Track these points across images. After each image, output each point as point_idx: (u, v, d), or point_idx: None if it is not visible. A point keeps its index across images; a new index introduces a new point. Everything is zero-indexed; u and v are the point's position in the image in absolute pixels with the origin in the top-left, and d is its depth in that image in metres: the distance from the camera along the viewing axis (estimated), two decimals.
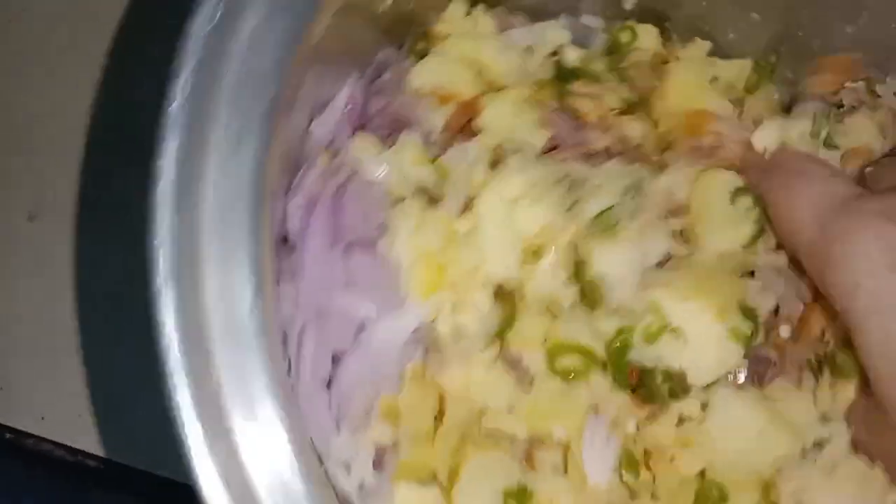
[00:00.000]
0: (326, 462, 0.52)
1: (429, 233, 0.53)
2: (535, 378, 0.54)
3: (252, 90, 0.43)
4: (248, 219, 0.42)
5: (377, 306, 0.52)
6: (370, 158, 0.56)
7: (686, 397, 0.54)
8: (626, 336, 0.52)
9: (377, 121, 0.60)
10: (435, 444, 0.54)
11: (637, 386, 0.55)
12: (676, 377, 0.53)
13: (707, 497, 0.54)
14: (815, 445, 0.54)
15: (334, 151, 0.57)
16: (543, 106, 0.59)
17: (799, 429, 0.54)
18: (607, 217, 0.53)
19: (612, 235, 0.52)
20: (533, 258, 0.54)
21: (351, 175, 0.55)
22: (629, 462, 0.54)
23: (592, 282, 0.53)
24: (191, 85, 0.42)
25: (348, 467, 0.52)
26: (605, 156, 0.58)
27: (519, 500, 0.53)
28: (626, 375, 0.53)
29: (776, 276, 0.54)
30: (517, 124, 0.58)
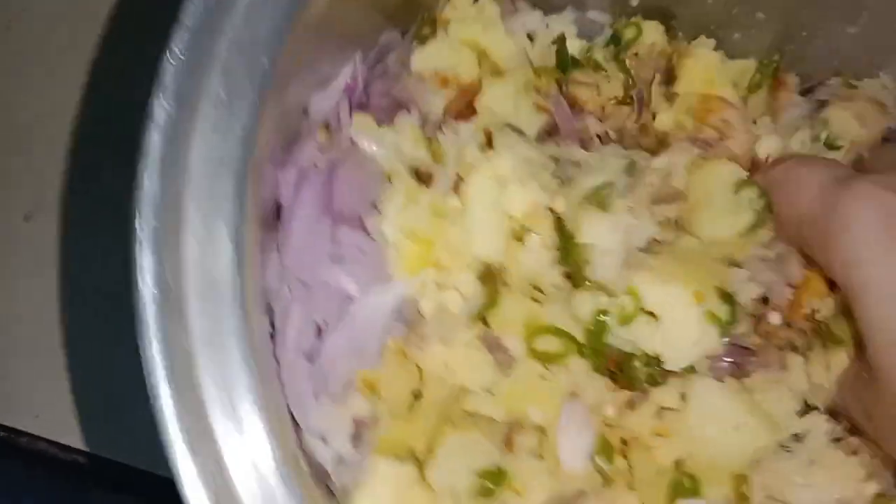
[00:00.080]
0: (304, 434, 0.52)
1: (417, 210, 0.54)
2: (515, 361, 0.54)
3: (245, 59, 0.44)
4: (233, 185, 0.43)
5: (362, 281, 0.53)
6: (367, 136, 0.57)
7: (665, 383, 0.54)
8: (602, 318, 0.52)
9: (377, 102, 0.60)
10: (413, 422, 0.54)
11: (616, 372, 0.55)
12: (654, 362, 0.53)
13: (680, 488, 0.54)
14: (794, 438, 0.55)
15: (333, 129, 0.58)
16: (542, 92, 0.60)
17: (777, 421, 0.54)
18: (600, 193, 0.53)
19: (604, 208, 0.53)
20: (519, 239, 0.54)
21: (346, 151, 0.56)
22: (604, 449, 0.54)
23: (578, 252, 0.53)
24: (184, 50, 0.43)
25: (326, 440, 0.53)
26: (601, 142, 0.58)
27: (494, 482, 0.54)
28: (604, 359, 0.54)
29: (763, 267, 0.54)
30: (515, 108, 0.59)
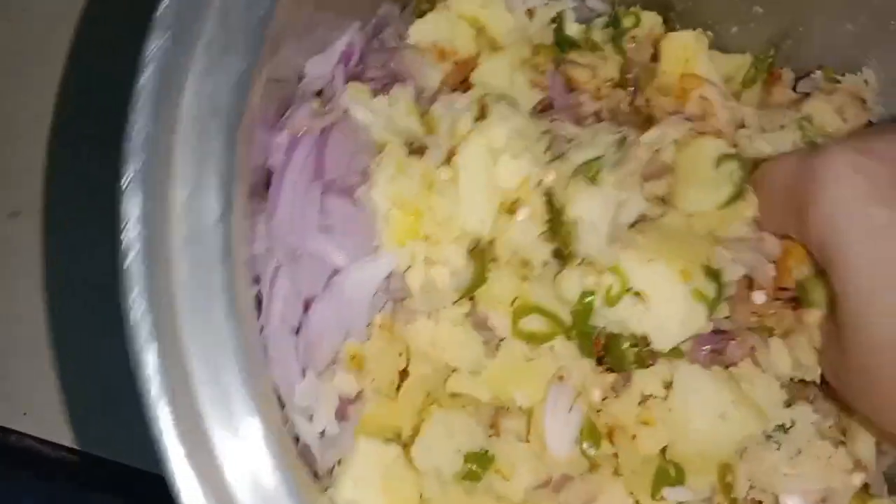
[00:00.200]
0: (289, 409, 0.51)
1: (408, 180, 0.53)
2: (501, 341, 0.53)
3: (242, 6, 0.42)
4: (225, 135, 0.41)
5: (350, 252, 0.52)
6: (361, 105, 0.56)
7: (652, 365, 0.53)
8: (589, 300, 0.51)
9: (373, 73, 0.59)
10: (399, 400, 0.53)
11: (603, 354, 0.54)
12: (642, 342, 0.52)
13: (665, 476, 0.53)
14: (780, 428, 0.54)
15: (327, 97, 0.57)
16: (539, 69, 0.59)
17: (763, 411, 0.53)
18: (590, 167, 0.53)
19: (593, 182, 0.52)
20: (509, 213, 0.53)
21: (340, 119, 0.55)
22: (591, 433, 0.53)
23: (567, 227, 0.52)
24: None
25: (310, 415, 0.51)
26: (595, 119, 0.58)
27: (480, 464, 0.53)
28: (591, 342, 0.53)
29: (745, 247, 0.54)
30: (510, 83, 0.58)
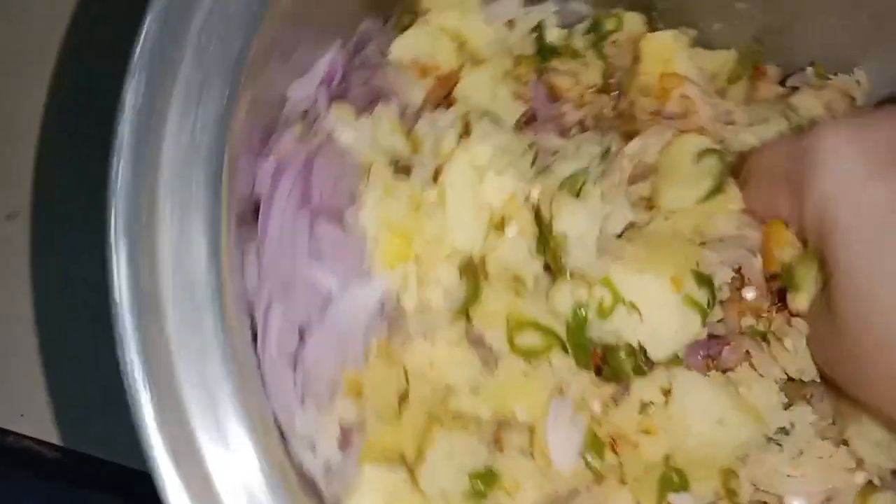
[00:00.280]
0: (291, 442, 0.50)
1: (396, 202, 0.52)
2: (499, 358, 0.53)
3: (218, 41, 0.42)
4: (207, 174, 0.41)
5: (342, 278, 0.51)
6: (345, 127, 0.55)
7: (651, 373, 0.53)
8: (582, 312, 0.51)
9: (356, 92, 0.59)
10: (401, 425, 0.53)
11: (601, 365, 0.54)
12: (639, 351, 0.52)
13: (669, 482, 0.53)
14: (781, 431, 0.54)
15: (311, 120, 0.56)
16: (521, 80, 0.59)
17: (762, 415, 0.53)
18: (574, 180, 0.53)
19: (578, 195, 0.52)
20: (498, 230, 0.53)
21: (325, 142, 0.54)
22: (594, 445, 0.53)
23: (555, 242, 0.52)
24: (155, 32, 0.41)
25: (313, 447, 0.51)
26: (579, 129, 0.57)
27: (485, 482, 0.52)
28: (587, 354, 0.52)
29: (730, 244, 0.54)
30: (493, 97, 0.58)
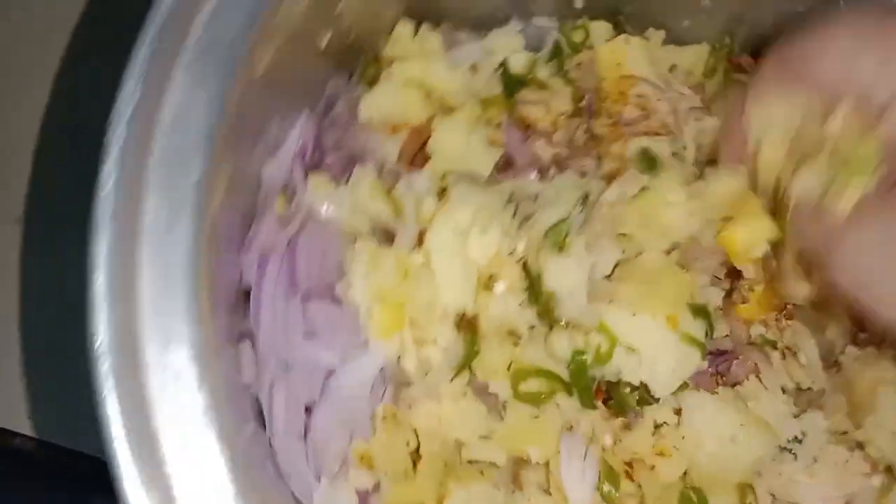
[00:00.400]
0: None
1: (383, 272, 0.53)
2: (506, 405, 0.54)
3: (178, 168, 0.43)
4: (186, 302, 0.42)
5: (340, 352, 0.53)
6: (325, 199, 0.56)
7: (657, 403, 0.54)
8: (581, 358, 0.52)
9: (332, 157, 0.59)
10: (417, 483, 0.54)
11: (607, 399, 0.55)
12: (642, 387, 0.53)
13: (688, 501, 0.54)
14: (793, 440, 0.54)
15: (290, 194, 0.57)
16: (493, 123, 0.59)
17: (774, 427, 0.54)
18: (557, 232, 0.53)
19: (562, 250, 0.52)
20: (487, 287, 0.53)
21: (306, 219, 0.55)
22: (609, 476, 0.54)
23: (546, 294, 0.53)
24: (117, 170, 0.42)
25: None
26: (556, 167, 0.57)
27: None
28: (591, 394, 0.53)
29: (704, 255, 0.55)
30: (467, 147, 0.58)
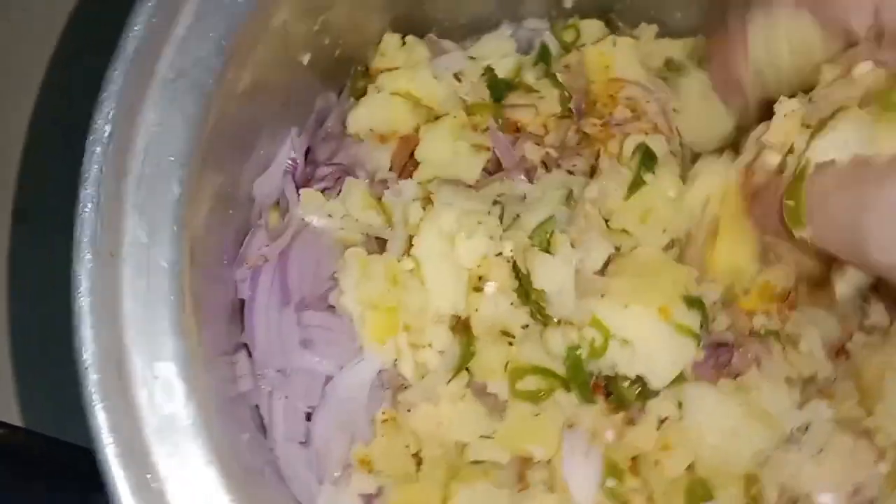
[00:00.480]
0: None
1: (374, 279, 0.53)
2: (505, 404, 0.54)
3: (155, 188, 0.44)
4: (170, 317, 0.43)
5: (336, 358, 0.53)
6: (317, 212, 0.57)
7: (657, 397, 0.53)
8: (576, 353, 0.52)
9: (324, 169, 0.60)
10: (420, 484, 0.54)
11: (607, 394, 0.54)
12: (640, 380, 0.53)
13: (694, 493, 0.53)
14: (798, 430, 0.54)
15: (283, 208, 0.58)
16: (479, 129, 0.59)
17: (777, 418, 0.53)
18: (543, 231, 0.53)
19: (548, 248, 0.52)
20: (477, 289, 0.53)
21: (299, 230, 0.56)
22: (613, 471, 0.54)
23: (536, 296, 0.52)
24: (95, 193, 0.43)
25: None
26: (544, 168, 0.57)
27: None
28: (589, 389, 0.53)
29: None
30: (453, 153, 0.58)
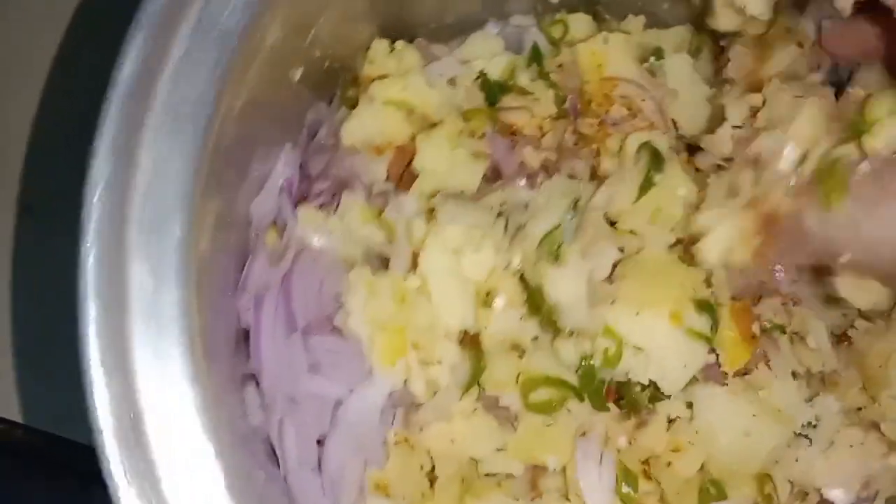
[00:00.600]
0: None
1: (381, 299, 0.53)
2: (517, 416, 0.54)
3: (158, 231, 0.43)
4: (182, 360, 0.42)
5: (346, 383, 0.53)
6: (316, 230, 0.56)
7: (668, 398, 0.54)
8: (589, 363, 0.52)
9: (320, 185, 0.59)
10: (436, 500, 0.55)
11: (619, 399, 0.55)
12: (652, 385, 0.53)
13: (707, 494, 0.54)
14: (807, 425, 0.54)
15: (281, 228, 0.57)
16: (476, 135, 0.59)
17: (787, 415, 0.53)
18: (551, 241, 0.53)
19: (558, 260, 0.52)
20: (486, 304, 0.53)
21: (299, 253, 0.55)
22: (627, 477, 0.54)
23: (547, 307, 0.52)
24: (97, 243, 0.43)
25: None
26: (545, 173, 0.57)
27: None
28: (602, 397, 0.53)
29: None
30: (452, 162, 0.57)
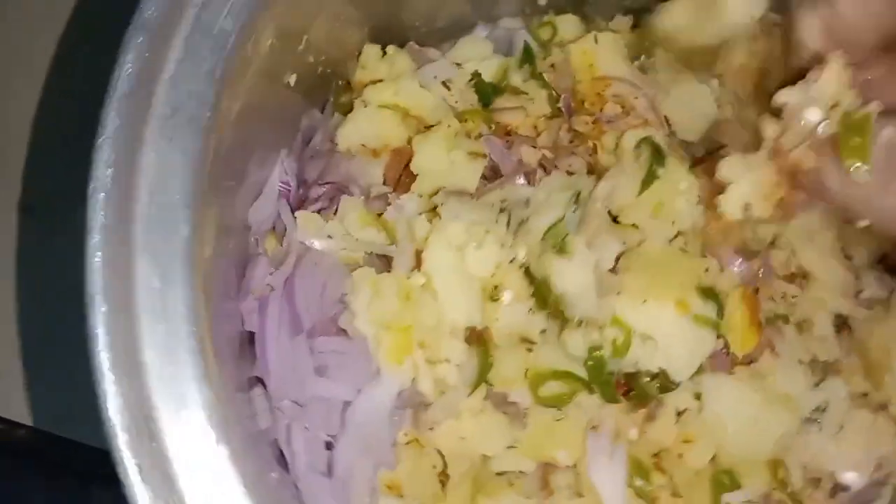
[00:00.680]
0: None
1: (385, 299, 0.53)
2: (527, 411, 0.54)
3: (164, 232, 0.43)
4: (192, 363, 0.42)
5: (353, 384, 0.52)
6: (315, 234, 0.56)
7: (677, 388, 0.53)
8: (598, 353, 0.51)
9: (317, 189, 0.59)
10: (448, 499, 0.54)
11: (628, 390, 0.54)
12: (661, 374, 0.53)
13: (720, 484, 0.54)
14: (816, 410, 0.54)
15: (280, 233, 0.57)
16: (472, 135, 0.59)
17: (795, 401, 0.53)
18: (556, 233, 0.53)
19: (563, 252, 0.52)
20: (493, 297, 0.53)
21: (300, 256, 0.55)
22: (639, 470, 0.54)
23: (555, 298, 0.52)
24: (103, 245, 0.42)
25: None
26: (543, 170, 0.57)
27: None
28: (612, 389, 0.53)
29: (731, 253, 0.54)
30: (450, 163, 0.57)
